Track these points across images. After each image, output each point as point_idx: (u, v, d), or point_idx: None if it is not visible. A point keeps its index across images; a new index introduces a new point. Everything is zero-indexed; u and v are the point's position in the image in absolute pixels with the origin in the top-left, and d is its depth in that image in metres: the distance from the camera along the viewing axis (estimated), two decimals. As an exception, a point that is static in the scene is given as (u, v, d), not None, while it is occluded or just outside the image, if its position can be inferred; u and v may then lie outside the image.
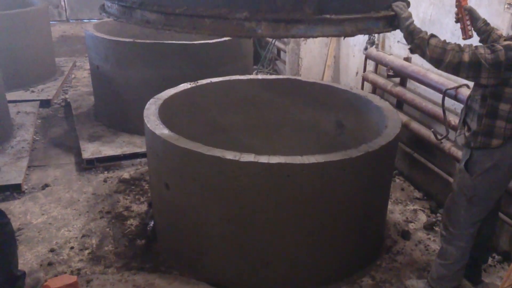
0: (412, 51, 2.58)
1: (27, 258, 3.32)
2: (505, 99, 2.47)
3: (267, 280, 3.03)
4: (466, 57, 2.39)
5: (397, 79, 4.42)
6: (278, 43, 6.82)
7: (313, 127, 4.19)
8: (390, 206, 3.94)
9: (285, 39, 6.38)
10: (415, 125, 4.11)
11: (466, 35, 2.79)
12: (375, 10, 2.55)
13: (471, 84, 3.50)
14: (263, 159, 2.73)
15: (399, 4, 2.61)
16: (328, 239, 3.00)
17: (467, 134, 2.64)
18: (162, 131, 3.00)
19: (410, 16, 2.58)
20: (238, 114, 4.22)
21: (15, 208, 3.89)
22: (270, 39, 6.96)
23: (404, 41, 4.30)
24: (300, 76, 5.92)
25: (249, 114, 4.25)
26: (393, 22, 2.64)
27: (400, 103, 4.47)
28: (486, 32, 2.77)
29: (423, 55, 2.55)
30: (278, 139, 4.27)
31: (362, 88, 4.98)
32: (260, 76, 4.34)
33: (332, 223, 2.98)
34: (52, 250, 3.41)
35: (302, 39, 5.68)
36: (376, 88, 4.79)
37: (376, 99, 3.72)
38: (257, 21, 2.31)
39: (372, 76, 4.74)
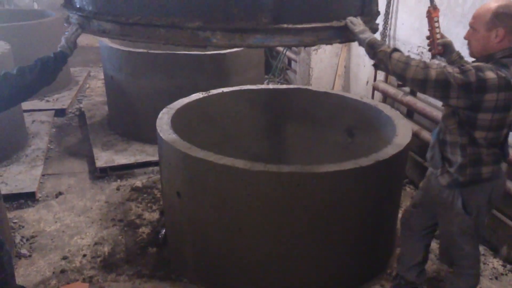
0: (376, 66, 2.46)
1: (40, 266, 3.37)
2: (480, 127, 2.32)
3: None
4: (432, 74, 2.23)
5: (407, 88, 4.43)
6: (289, 53, 6.86)
7: (324, 137, 4.20)
8: (400, 215, 3.92)
9: (296, 49, 6.43)
10: (426, 134, 4.11)
11: (435, 49, 2.71)
12: (338, 19, 2.47)
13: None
14: (274, 168, 2.75)
15: (353, 19, 2.49)
16: (339, 249, 3.01)
17: (451, 170, 2.47)
18: (174, 140, 3.04)
19: (365, 30, 2.46)
20: (250, 123, 4.26)
21: (29, 216, 3.96)
22: (282, 49, 7.01)
23: (414, 50, 4.34)
24: (311, 85, 5.95)
25: (260, 123, 4.28)
26: None
27: (410, 112, 4.48)
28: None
29: (387, 70, 2.43)
30: (289, 148, 4.29)
31: (373, 97, 4.99)
32: (271, 86, 4.38)
33: (343, 232, 2.98)
34: (64, 258, 3.46)
35: (313, 49, 5.72)
36: (386, 98, 4.80)
37: (386, 109, 3.73)
38: (211, 31, 2.27)
39: (383, 86, 4.76)
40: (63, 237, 3.71)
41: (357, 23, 2.49)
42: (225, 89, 4.15)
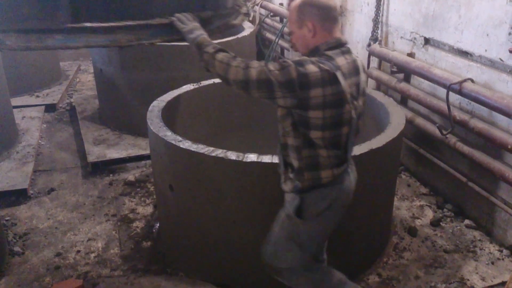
0: (206, 69, 2.23)
1: (34, 263, 3.33)
2: (314, 126, 2.13)
3: (273, 281, 3.02)
4: (253, 74, 2.06)
5: (401, 75, 4.39)
6: (281, 42, 6.79)
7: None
8: (396, 203, 3.92)
9: (288, 37, 6.36)
10: (420, 121, 4.08)
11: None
12: (164, 15, 2.29)
13: (476, 78, 3.50)
14: (267, 158, 2.72)
15: (180, 17, 2.33)
16: (333, 239, 2.97)
17: (291, 175, 2.27)
18: (165, 133, 3.00)
19: (195, 28, 2.29)
20: (242, 114, 4.21)
21: (21, 213, 3.91)
22: (274, 37, 6.94)
23: (407, 36, 4.30)
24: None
25: (252, 114, 4.23)
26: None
27: (404, 99, 4.44)
28: None
29: (215, 73, 2.21)
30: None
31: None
32: (263, 76, 4.32)
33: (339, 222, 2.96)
34: (58, 254, 3.42)
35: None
36: (380, 85, 4.76)
37: (379, 96, 3.70)
38: (4, 32, 2.05)
39: (376, 73, 4.71)
40: (56, 233, 3.67)
41: (185, 21, 2.32)
42: (217, 80, 4.09)
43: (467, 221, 3.70)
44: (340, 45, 2.20)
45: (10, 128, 4.91)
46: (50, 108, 5.96)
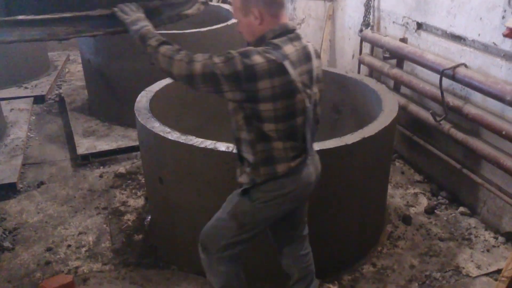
0: (150, 62, 2.14)
1: (24, 258, 3.28)
2: (266, 118, 2.03)
3: (265, 273, 2.98)
4: (197, 68, 1.97)
5: (394, 61, 4.33)
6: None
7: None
8: (390, 191, 3.88)
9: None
10: (413, 107, 4.02)
11: None
12: (102, 7, 2.19)
13: (469, 63, 3.44)
14: (257, 149, 2.66)
15: (123, 7, 2.23)
16: (327, 229, 2.94)
17: (247, 170, 2.18)
18: (153, 124, 2.94)
19: (138, 19, 2.18)
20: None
21: (10, 208, 3.84)
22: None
23: (399, 21, 4.23)
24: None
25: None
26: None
27: (397, 85, 4.38)
28: None
29: (158, 67, 2.11)
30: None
31: (359, 71, 4.89)
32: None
33: (330, 212, 2.92)
34: (49, 249, 3.36)
35: (296, 23, 5.57)
36: (373, 71, 4.70)
37: (372, 83, 3.64)
38: None
39: (368, 59, 4.65)
40: (46, 228, 3.61)
41: (128, 11, 2.22)
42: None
43: (461, 209, 3.67)
44: (288, 32, 2.10)
45: (-2, 121, 4.82)
46: (39, 99, 5.85)
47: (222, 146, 2.68)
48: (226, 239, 2.29)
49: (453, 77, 3.46)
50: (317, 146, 2.67)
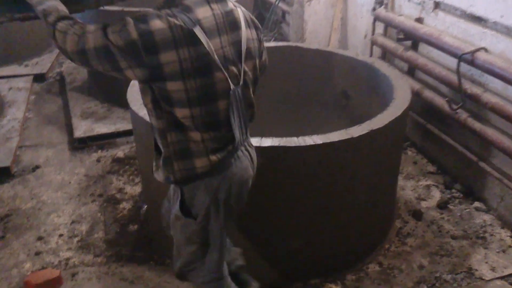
0: (57, 46, 1.74)
1: (14, 248, 3.15)
2: (178, 102, 1.69)
3: (264, 271, 2.81)
4: (89, 41, 1.62)
5: (409, 43, 4.05)
6: (282, 5, 6.39)
7: (316, 99, 3.88)
8: (401, 182, 3.66)
9: (289, 0, 5.97)
10: (428, 94, 3.76)
11: None
12: None
13: (490, 47, 3.16)
14: (254, 142, 2.45)
15: None
16: (331, 226, 2.75)
17: (161, 164, 1.88)
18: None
19: None
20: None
21: (4, 193, 3.71)
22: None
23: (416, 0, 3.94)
24: (305, 40, 5.56)
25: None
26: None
27: (411, 69, 4.12)
28: None
29: (58, 48, 1.74)
30: (278, 114, 3.96)
31: (371, 52, 4.61)
32: (259, 44, 4.00)
33: (335, 208, 2.72)
34: (40, 238, 3.23)
35: (306, 0, 5.28)
36: (385, 53, 4.43)
37: (383, 67, 3.39)
38: None
39: (382, 40, 4.37)
40: (39, 215, 3.47)
41: None
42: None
43: (476, 204, 3.44)
44: None
45: (-6, 100, 4.66)
46: (39, 78, 5.67)
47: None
48: (201, 263, 2.04)
49: (472, 62, 3.20)
50: (320, 138, 2.46)
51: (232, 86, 1.77)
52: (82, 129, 4.40)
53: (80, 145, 4.30)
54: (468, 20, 3.41)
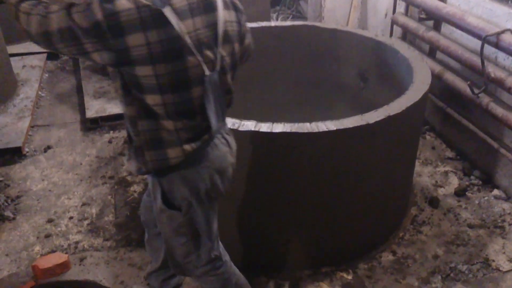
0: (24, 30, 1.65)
1: (24, 230, 3.14)
2: (148, 88, 1.58)
3: (276, 259, 2.76)
4: (53, 22, 1.52)
5: (431, 23, 3.88)
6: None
7: (333, 81, 3.76)
8: (418, 168, 3.55)
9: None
10: (449, 76, 3.61)
11: None
12: None
13: (516, 29, 3.00)
14: (265, 127, 2.37)
15: None
16: (343, 215, 2.67)
17: (133, 154, 1.79)
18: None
19: None
20: (249, 68, 3.80)
21: (15, 174, 3.70)
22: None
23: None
24: (323, 19, 5.39)
25: (260, 69, 3.82)
26: None
27: (433, 50, 3.95)
28: None
29: (23, 30, 1.65)
30: (293, 95, 3.86)
31: (391, 32, 4.45)
32: (273, 23, 3.88)
33: (349, 196, 2.64)
34: (50, 221, 3.21)
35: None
36: (406, 33, 4.26)
37: (403, 48, 3.24)
38: None
39: (403, 19, 4.20)
40: (49, 197, 3.45)
41: None
42: (221, 29, 3.67)
43: (496, 191, 3.32)
44: None
45: (7, 79, 4.62)
46: (53, 55, 5.60)
47: (228, 122, 2.39)
48: (195, 254, 1.97)
49: (496, 45, 3.04)
50: (334, 124, 2.36)
51: (207, 72, 1.67)
52: (94, 109, 4.35)
53: (92, 125, 4.26)
54: (494, 0, 3.23)
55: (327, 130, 2.35)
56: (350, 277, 2.72)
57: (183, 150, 1.71)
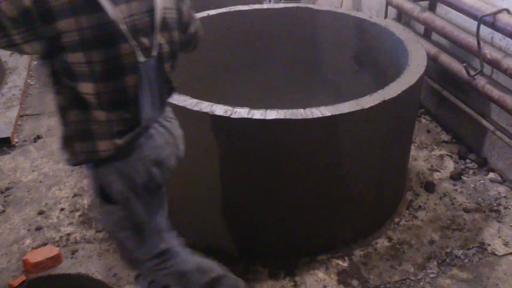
0: None
1: (15, 223, 3.09)
2: (80, 75, 1.50)
3: (272, 247, 2.73)
4: None
5: (426, 3, 3.81)
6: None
7: (327, 64, 3.69)
8: (413, 152, 3.51)
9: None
10: (445, 58, 3.55)
11: None
12: None
13: (513, 9, 2.94)
14: (258, 114, 2.31)
15: None
16: (339, 200, 2.63)
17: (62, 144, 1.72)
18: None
19: None
20: (242, 52, 3.74)
21: (4, 165, 3.63)
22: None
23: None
24: (317, 0, 5.30)
25: (254, 51, 3.76)
26: None
27: (428, 32, 3.89)
28: None
29: None
30: (287, 79, 3.79)
31: (386, 13, 4.37)
32: (265, 6, 3.79)
33: (343, 182, 2.60)
34: (41, 213, 3.15)
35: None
36: (401, 14, 4.19)
37: (399, 30, 3.18)
38: None
39: (397, 0, 4.12)
40: (40, 188, 3.39)
41: None
42: (212, 12, 3.58)
43: (491, 175, 3.29)
44: None
45: (-6, 67, 4.53)
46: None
47: (220, 110, 2.34)
48: (142, 246, 1.90)
49: (493, 25, 2.98)
50: (328, 110, 2.30)
51: (141, 59, 1.59)
52: (83, 97, 4.26)
53: (82, 113, 4.17)
54: (490, -21, 3.17)
55: (321, 116, 2.29)
56: (345, 264, 2.69)
57: (114, 143, 1.65)
